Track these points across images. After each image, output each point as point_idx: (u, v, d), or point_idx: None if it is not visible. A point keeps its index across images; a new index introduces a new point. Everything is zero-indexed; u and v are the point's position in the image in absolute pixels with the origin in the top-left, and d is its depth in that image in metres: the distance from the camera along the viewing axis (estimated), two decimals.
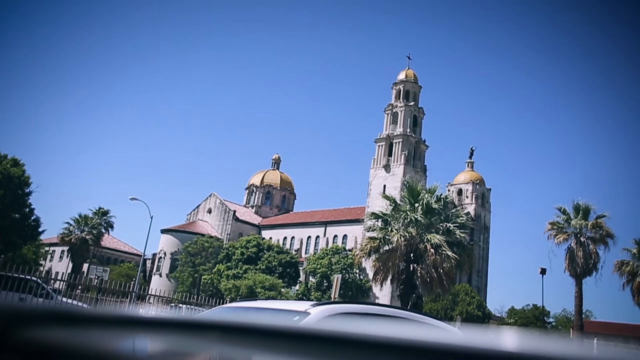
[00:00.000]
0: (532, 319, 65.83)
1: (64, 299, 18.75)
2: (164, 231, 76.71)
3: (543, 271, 38.17)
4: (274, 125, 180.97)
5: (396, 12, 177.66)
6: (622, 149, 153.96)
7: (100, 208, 61.65)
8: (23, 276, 16.34)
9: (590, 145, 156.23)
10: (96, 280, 24.10)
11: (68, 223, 60.11)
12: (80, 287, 22.67)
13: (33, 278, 18.16)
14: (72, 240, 58.62)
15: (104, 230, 62.02)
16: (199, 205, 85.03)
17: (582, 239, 35.34)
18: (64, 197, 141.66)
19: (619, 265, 39.26)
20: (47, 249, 74.34)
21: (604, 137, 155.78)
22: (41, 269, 65.43)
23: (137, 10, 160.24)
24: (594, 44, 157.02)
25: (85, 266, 57.59)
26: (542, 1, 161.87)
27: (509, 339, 0.66)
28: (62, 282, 21.49)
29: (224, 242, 71.12)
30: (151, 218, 42.05)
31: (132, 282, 33.92)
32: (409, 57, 74.77)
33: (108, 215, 62.02)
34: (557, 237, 35.87)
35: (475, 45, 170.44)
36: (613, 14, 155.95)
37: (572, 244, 35.61)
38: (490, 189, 78.39)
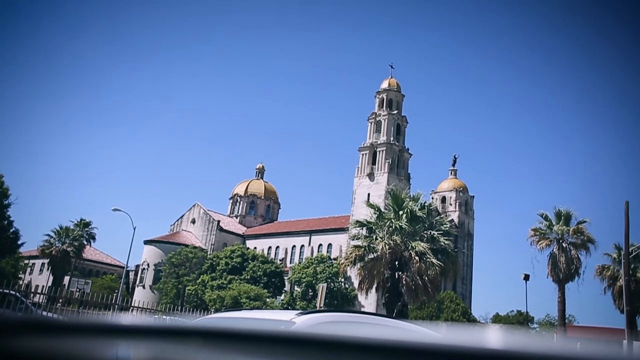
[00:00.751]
0: (516, 325, 66.26)
1: (44, 313, 18.37)
2: (147, 242, 75.86)
3: (526, 277, 38.52)
4: (258, 135, 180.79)
5: (379, 20, 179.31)
6: (602, 154, 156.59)
7: (82, 219, 60.83)
8: (1, 290, 15.97)
9: (571, 151, 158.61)
10: (77, 293, 23.67)
11: (48, 235, 59.18)
12: (61, 300, 22.25)
13: (12, 292, 17.76)
14: (53, 252, 57.67)
15: (85, 242, 61.14)
16: (182, 216, 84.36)
17: (564, 245, 35.77)
18: (45, 209, 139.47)
19: (600, 270, 39.85)
20: (26, 262, 72.97)
21: (584, 143, 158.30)
22: (20, 282, 64.13)
23: (113, 24, 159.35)
24: (574, 50, 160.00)
25: (67, 279, 56.65)
26: (524, 11, 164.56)
27: (492, 337, 0.69)
28: (42, 296, 21.08)
29: (208, 253, 70.55)
30: (134, 229, 41.42)
31: (115, 295, 33.43)
32: (391, 66, 75.58)
33: (90, 226, 61.19)
34: (540, 243, 36.26)
35: (458, 52, 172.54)
36: (585, 23, 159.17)
37: (554, 250, 36.02)
38: (473, 196, 79.04)
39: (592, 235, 35.73)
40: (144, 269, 74.06)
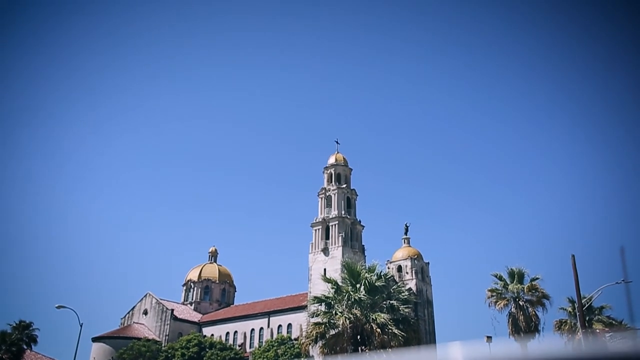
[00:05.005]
0: None
1: None
2: (95, 339, 71.42)
3: (489, 339, 38.39)
4: (209, 218, 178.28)
5: (324, 92, 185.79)
6: (547, 211, 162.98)
7: (21, 321, 56.86)
8: None
9: (516, 206, 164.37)
10: None
11: None
12: None
13: None
14: None
15: (25, 347, 56.85)
16: (133, 307, 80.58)
17: (520, 303, 36.25)
18: None
19: (559, 325, 40.42)
20: None
21: (527, 197, 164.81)
22: None
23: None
24: (517, 105, 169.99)
25: None
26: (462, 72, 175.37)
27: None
28: None
29: (163, 344, 67.03)
30: (81, 326, 38.99)
31: None
32: (337, 142, 77.72)
33: (30, 328, 57.18)
34: (498, 303, 36.61)
35: (398, 125, 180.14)
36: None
37: (512, 309, 36.39)
38: (428, 263, 79.75)
39: (546, 290, 36.48)
40: None
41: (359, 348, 28.74)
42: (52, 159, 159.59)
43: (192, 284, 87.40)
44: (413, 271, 76.16)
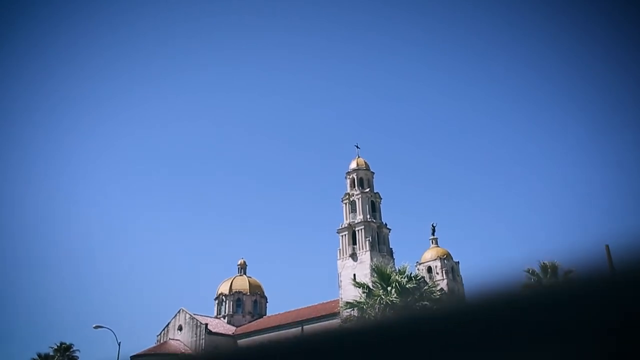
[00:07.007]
0: None
1: None
2: (133, 358, 72.52)
3: None
4: (236, 230, 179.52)
5: (341, 99, 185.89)
6: (576, 199, 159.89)
7: (62, 343, 58.34)
8: None
9: (545, 198, 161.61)
10: None
11: None
12: None
13: None
14: None
15: None
16: (168, 324, 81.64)
17: None
18: (22, 337, 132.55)
19: None
20: None
21: (555, 188, 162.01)
22: None
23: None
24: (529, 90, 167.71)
25: None
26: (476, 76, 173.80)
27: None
28: None
29: None
30: (119, 345, 39.90)
31: None
32: (357, 146, 77.75)
33: (71, 350, 58.65)
34: None
35: (416, 127, 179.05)
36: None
37: None
38: (458, 262, 79.08)
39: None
40: None
41: None
42: (67, 165, 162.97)
43: (223, 297, 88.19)
44: (443, 271, 75.64)
